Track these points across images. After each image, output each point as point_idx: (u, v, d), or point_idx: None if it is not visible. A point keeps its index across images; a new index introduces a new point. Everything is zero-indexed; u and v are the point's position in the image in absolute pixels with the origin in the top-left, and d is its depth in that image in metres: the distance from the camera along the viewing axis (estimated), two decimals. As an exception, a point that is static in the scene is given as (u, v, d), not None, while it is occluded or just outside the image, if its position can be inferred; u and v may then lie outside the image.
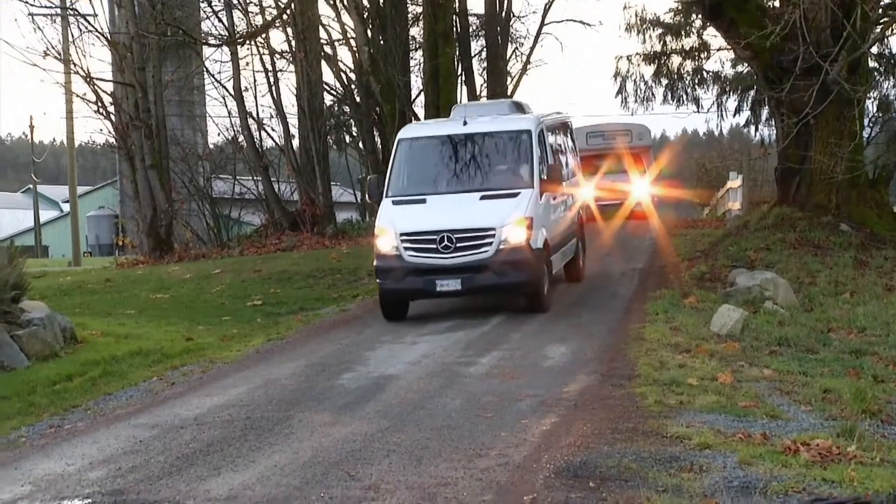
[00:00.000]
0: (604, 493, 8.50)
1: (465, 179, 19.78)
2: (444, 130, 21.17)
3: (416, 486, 9.08)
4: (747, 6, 24.87)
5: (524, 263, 18.17)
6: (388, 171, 20.39)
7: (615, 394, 12.39)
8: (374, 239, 19.21)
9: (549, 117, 22.87)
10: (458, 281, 18.11)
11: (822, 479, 8.83)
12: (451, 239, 18.07)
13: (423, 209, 19.05)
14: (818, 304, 18.47)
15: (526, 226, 18.28)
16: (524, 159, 19.78)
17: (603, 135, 41.50)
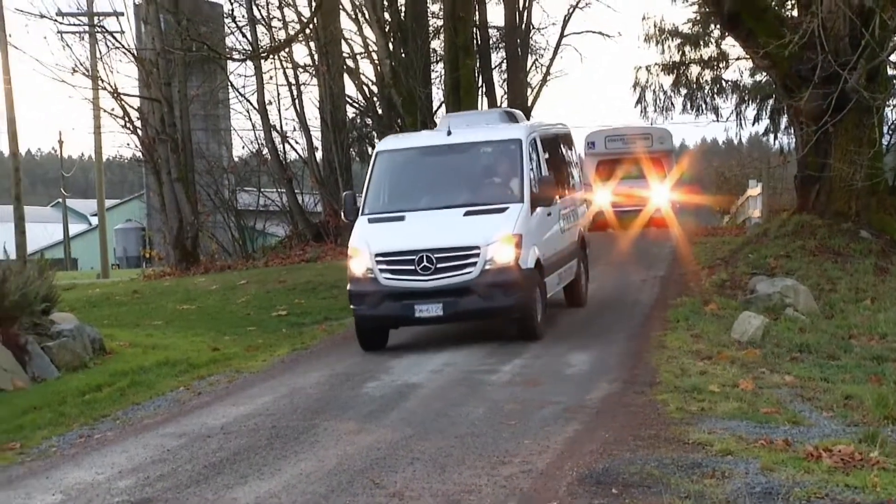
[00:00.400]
0: (626, 499, 8.48)
1: (449, 194, 17.87)
2: (426, 141, 19.72)
3: (441, 493, 9.06)
4: (765, 16, 24.82)
5: (513, 286, 16.27)
6: (365, 186, 18.54)
7: (637, 401, 12.36)
8: (347, 261, 17.44)
9: (544, 127, 21.53)
10: (439, 306, 16.25)
11: (844, 485, 8.79)
12: (431, 259, 16.23)
13: (400, 227, 17.22)
14: (839, 310, 18.39)
15: (514, 244, 16.38)
16: (513, 171, 17.86)
17: (622, 139, 40.69)
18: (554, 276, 18.31)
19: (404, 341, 17.72)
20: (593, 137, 41.33)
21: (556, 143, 20.96)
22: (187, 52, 38.31)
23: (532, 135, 18.54)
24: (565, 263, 19.19)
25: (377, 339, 17.33)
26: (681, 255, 27.60)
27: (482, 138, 18.70)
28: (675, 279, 23.34)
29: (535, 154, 18.31)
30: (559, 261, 18.70)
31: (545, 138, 19.67)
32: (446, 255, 16.29)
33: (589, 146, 40.89)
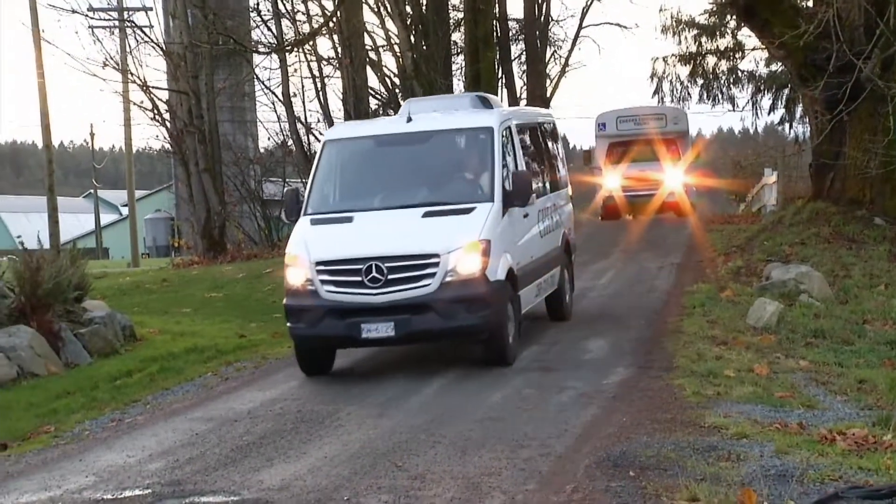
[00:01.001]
0: (643, 481, 8.48)
1: (406, 191, 15.00)
2: (382, 129, 16.84)
3: (461, 475, 9.08)
4: (781, 6, 24.70)
5: (479, 301, 13.38)
6: (310, 181, 15.66)
7: (654, 385, 12.36)
8: (284, 269, 14.46)
9: (522, 114, 19.63)
10: (389, 325, 13.34)
11: (858, 468, 8.77)
12: (382, 269, 13.33)
13: (347, 230, 14.36)
14: (853, 296, 18.33)
15: (481, 251, 13.55)
16: (483, 165, 14.91)
17: (634, 119, 38.22)
18: (531, 287, 15.54)
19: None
20: (604, 118, 39.01)
21: (537, 133, 18.22)
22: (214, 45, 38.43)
23: (506, 123, 15.61)
24: (545, 272, 16.50)
25: (321, 363, 14.57)
26: (697, 243, 27.50)
27: (447, 126, 15.88)
28: (692, 266, 23.27)
29: (511, 145, 15.57)
30: (538, 269, 15.98)
31: (523, 127, 17.01)
32: (400, 264, 13.50)
33: (600, 127, 38.88)
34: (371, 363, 15.14)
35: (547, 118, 19.80)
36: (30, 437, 12.24)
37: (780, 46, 23.70)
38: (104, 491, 9.44)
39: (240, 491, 9.07)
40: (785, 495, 7.99)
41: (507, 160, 15.11)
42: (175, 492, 9.19)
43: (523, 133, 16.73)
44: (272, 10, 41.14)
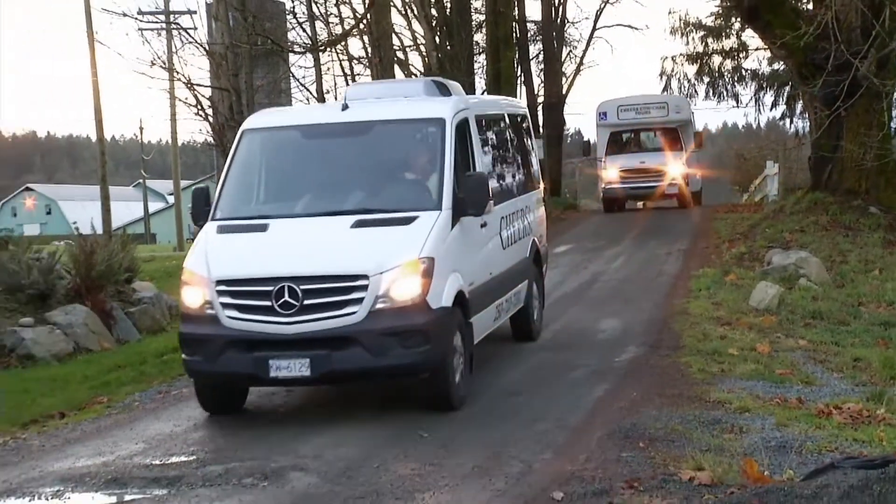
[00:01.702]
0: (652, 452, 8.47)
1: (336, 195, 11.46)
2: (311, 118, 13.18)
3: (483, 445, 9.09)
4: (782, 9, 24.61)
5: (417, 334, 10.05)
6: (221, 179, 12.19)
7: (662, 363, 12.33)
8: (181, 288, 11.08)
9: (485, 103, 16.23)
10: (304, 362, 10.01)
11: (853, 440, 8.77)
12: (296, 292, 9.95)
13: (258, 241, 10.93)
14: (849, 280, 18.26)
15: (421, 271, 10.20)
16: (431, 165, 11.36)
17: (636, 108, 35.43)
18: (489, 309, 12.20)
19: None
20: (605, 107, 36.27)
21: (504, 126, 14.75)
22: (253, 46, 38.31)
23: (463, 114, 12.13)
24: (509, 289, 13.13)
25: (225, 401, 11.22)
26: (702, 230, 27.44)
27: (389, 116, 12.20)
28: (698, 252, 23.20)
29: (468, 141, 12.17)
30: (499, 287, 12.65)
31: (486, 119, 13.54)
32: (319, 286, 10.07)
33: (601, 117, 36.15)
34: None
35: (516, 108, 16.36)
36: (85, 406, 12.30)
37: (782, 47, 23.63)
38: (153, 457, 9.47)
39: (276, 457, 9.08)
40: (784, 465, 7.98)
41: (461, 159, 11.73)
42: (217, 457, 9.23)
43: (486, 126, 13.35)
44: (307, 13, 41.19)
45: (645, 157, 34.27)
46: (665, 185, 33.32)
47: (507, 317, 13.37)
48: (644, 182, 33.40)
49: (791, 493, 6.50)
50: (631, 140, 35.99)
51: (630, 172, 33.44)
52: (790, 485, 6.87)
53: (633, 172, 33.42)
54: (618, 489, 7.51)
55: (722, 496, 7.03)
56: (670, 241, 25.23)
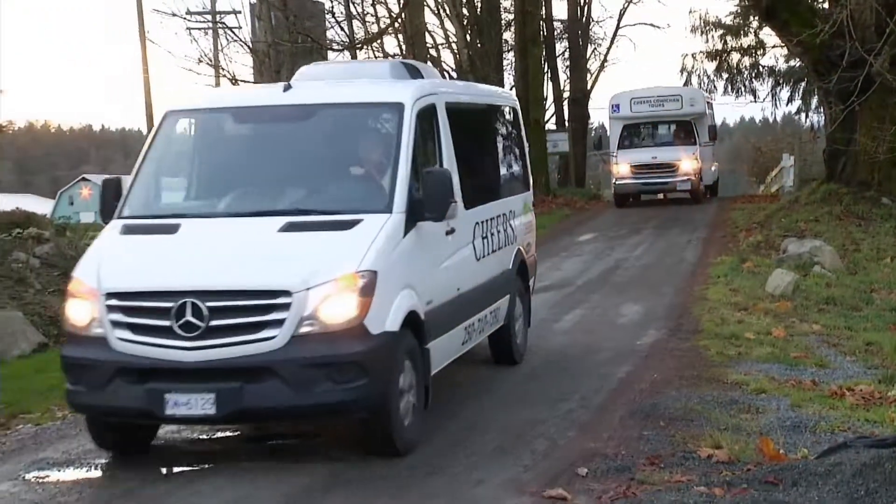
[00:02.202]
0: (672, 431, 8.44)
1: (266, 192, 9.22)
2: (245, 100, 10.74)
3: (507, 426, 9.06)
4: (799, 8, 24.47)
5: (351, 365, 7.88)
6: (135, 168, 9.57)
7: (682, 346, 12.28)
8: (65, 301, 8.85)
9: (461, 90, 13.48)
10: (209, 397, 7.80)
11: (865, 420, 8.72)
12: (200, 310, 7.81)
13: (164, 246, 8.65)
14: (861, 267, 18.15)
15: (359, 288, 7.97)
16: (383, 158, 9.03)
17: (649, 101, 33.03)
18: (455, 332, 9.75)
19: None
20: (618, 100, 33.99)
21: (486, 118, 12.30)
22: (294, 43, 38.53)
23: (428, 100, 9.68)
24: (484, 306, 10.64)
25: (127, 438, 8.79)
26: (720, 220, 27.34)
27: (337, 99, 9.82)
28: (716, 240, 23.10)
29: (435, 132, 9.76)
30: (470, 305, 10.14)
31: (462, 109, 10.79)
32: (230, 303, 7.84)
33: (613, 109, 33.94)
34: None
35: (502, 99, 13.63)
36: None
37: (798, 44, 23.53)
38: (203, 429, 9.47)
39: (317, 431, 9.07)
40: (799, 444, 7.96)
41: (424, 152, 9.48)
42: (262, 428, 9.21)
43: (461, 117, 10.58)
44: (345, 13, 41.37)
45: (657, 152, 32.01)
46: (677, 181, 31.36)
47: (481, 338, 10.87)
48: (656, 178, 31.50)
49: (805, 471, 6.48)
50: (644, 133, 33.69)
51: (642, 168, 31.55)
52: (804, 463, 6.85)
53: (644, 168, 31.52)
54: (639, 465, 7.50)
55: (739, 473, 7.00)
56: (689, 231, 25.15)
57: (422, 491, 7.33)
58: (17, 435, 9.90)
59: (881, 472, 5.86)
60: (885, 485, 5.69)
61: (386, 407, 8.01)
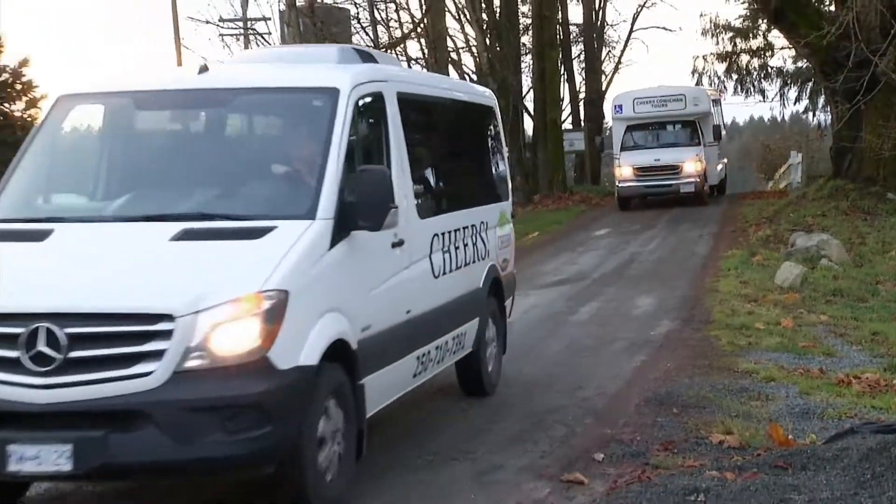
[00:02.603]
0: (685, 418, 8.42)
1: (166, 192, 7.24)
2: (152, 83, 8.21)
3: (529, 412, 9.05)
4: (806, 10, 24.44)
5: (249, 409, 5.87)
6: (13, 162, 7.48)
7: (694, 336, 12.25)
8: None
9: (420, 79, 10.84)
10: (64, 450, 5.70)
11: (871, 407, 8.68)
12: (57, 337, 5.71)
13: (27, 256, 6.66)
14: (867, 260, 18.08)
15: (262, 312, 5.97)
16: (310, 153, 7.07)
17: (652, 101, 30.94)
18: (403, 362, 7.78)
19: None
20: (621, 100, 32.09)
21: (454, 115, 10.38)
22: (320, 48, 38.71)
23: (373, 87, 7.79)
24: (446, 331, 8.69)
25: None
26: (730, 215, 27.26)
27: (260, 83, 7.89)
28: (726, 235, 23.04)
29: (382, 126, 7.85)
30: (425, 330, 8.18)
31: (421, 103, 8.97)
32: (95, 329, 5.89)
33: (616, 109, 32.04)
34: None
35: (478, 97, 11.12)
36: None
37: (806, 45, 23.51)
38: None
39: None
40: (808, 430, 7.93)
41: (365, 149, 7.70)
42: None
43: (420, 112, 8.94)
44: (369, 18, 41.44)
45: (660, 154, 29.68)
46: (681, 184, 29.15)
47: (441, 368, 8.93)
48: (659, 180, 29.30)
49: (814, 456, 6.46)
50: (647, 134, 31.31)
51: (645, 170, 29.39)
52: (813, 448, 6.82)
53: (647, 170, 29.36)
54: (653, 451, 7.48)
55: (749, 458, 6.97)
56: (701, 226, 25.09)
57: (445, 475, 7.33)
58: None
59: (887, 456, 5.83)
60: (890, 469, 5.66)
61: (297, 461, 6.12)
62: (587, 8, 44.33)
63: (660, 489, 6.21)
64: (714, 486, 6.09)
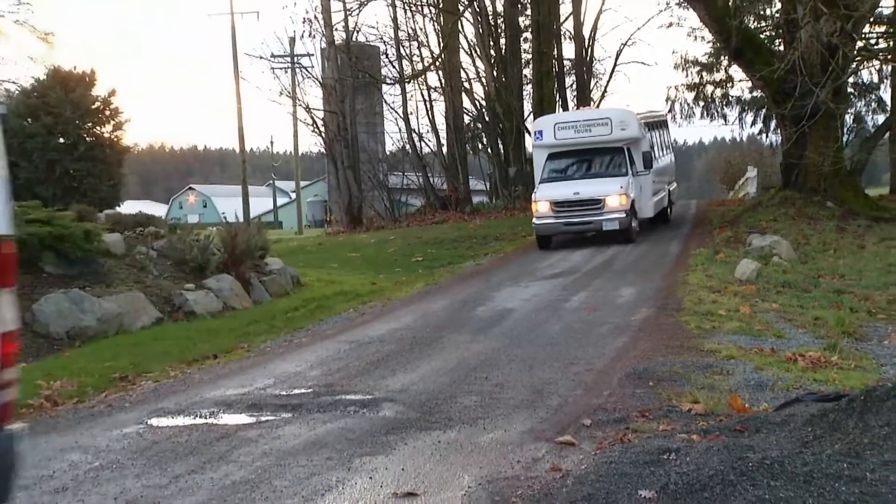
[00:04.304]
0: (660, 390, 8.43)
1: None
2: None
3: (529, 384, 9.08)
4: (761, 50, 24.42)
5: None
6: None
7: (667, 321, 12.25)
8: None
9: None
10: None
11: (813, 380, 8.67)
12: None
13: None
14: (811, 258, 18.07)
15: None
16: None
17: (575, 126, 23.65)
18: None
19: (504, 279, 17.65)
20: (541, 125, 24.64)
21: None
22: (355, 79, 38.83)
23: None
24: None
25: None
26: (700, 219, 27.22)
27: None
28: (695, 236, 23.02)
29: None
30: None
31: None
32: None
33: (536, 136, 24.48)
34: (465, 303, 15.17)
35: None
36: (231, 351, 12.46)
37: (760, 79, 23.49)
38: (281, 389, 9.59)
39: (372, 391, 9.15)
40: (761, 399, 7.92)
41: None
42: (328, 391, 9.32)
43: None
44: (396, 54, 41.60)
45: (581, 186, 22.56)
46: (603, 220, 22.02)
47: None
48: (578, 216, 22.16)
49: (766, 421, 6.47)
50: (568, 164, 23.97)
51: (563, 205, 22.26)
52: (765, 414, 6.83)
53: (566, 205, 22.24)
54: (632, 417, 7.50)
55: (713, 423, 6.99)
56: (674, 228, 25.09)
57: (457, 437, 7.37)
58: (141, 389, 10.06)
59: (826, 421, 5.84)
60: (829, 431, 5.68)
61: None
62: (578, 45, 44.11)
63: (638, 449, 6.24)
64: (683, 446, 6.11)
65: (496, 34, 40.35)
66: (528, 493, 5.74)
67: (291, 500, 5.95)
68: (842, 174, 24.25)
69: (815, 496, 4.42)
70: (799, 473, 4.68)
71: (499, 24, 40.51)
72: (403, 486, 6.08)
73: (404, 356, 11.00)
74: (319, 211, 72.80)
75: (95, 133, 21.27)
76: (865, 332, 11.43)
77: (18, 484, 6.59)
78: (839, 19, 19.67)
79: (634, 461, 5.95)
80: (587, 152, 23.68)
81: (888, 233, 20.78)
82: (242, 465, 6.81)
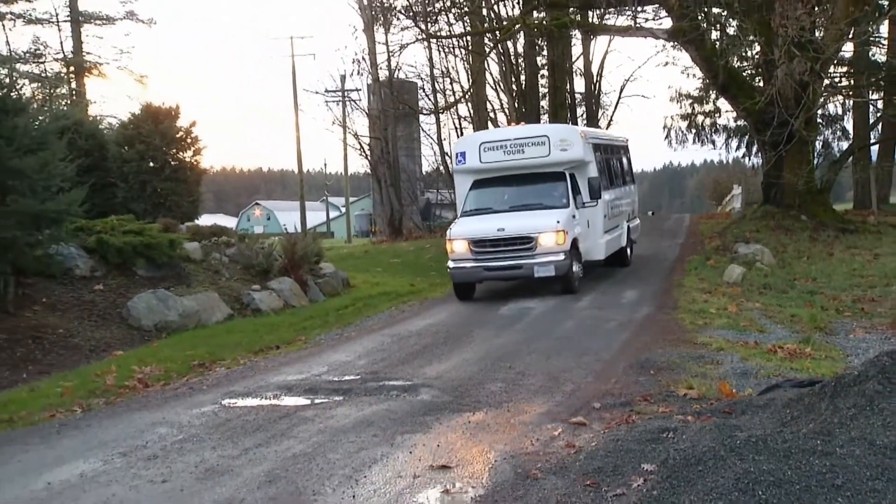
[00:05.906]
0: (659, 377, 8.39)
1: None
2: None
3: (547, 372, 9.07)
4: (744, 86, 24.25)
5: None
6: None
7: (665, 318, 12.18)
8: None
9: None
10: None
11: (791, 368, 8.60)
12: None
13: None
14: (788, 263, 17.91)
15: None
16: None
17: (504, 146, 16.11)
18: None
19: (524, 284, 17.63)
20: (463, 146, 16.93)
21: None
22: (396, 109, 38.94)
23: None
24: None
25: None
26: (693, 230, 27.01)
27: None
28: (690, 245, 22.85)
29: None
30: None
31: None
32: None
33: (458, 159, 16.74)
34: (490, 304, 15.13)
35: None
36: (291, 342, 12.53)
37: (743, 110, 23.34)
38: (333, 376, 9.64)
39: (412, 378, 9.17)
40: (746, 385, 7.87)
41: None
42: (374, 377, 9.35)
43: None
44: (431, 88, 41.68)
45: (506, 221, 15.11)
46: (535, 264, 14.70)
47: None
48: (503, 259, 14.86)
49: (751, 404, 6.44)
50: (495, 192, 16.18)
51: (483, 244, 14.99)
52: (750, 398, 6.79)
53: (488, 244, 14.97)
54: (636, 401, 7.46)
55: (705, 406, 6.95)
56: (671, 237, 24.93)
57: (485, 418, 7.37)
58: (215, 374, 10.15)
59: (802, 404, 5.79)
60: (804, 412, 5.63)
61: None
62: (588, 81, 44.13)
63: (641, 428, 6.21)
64: (680, 426, 6.08)
65: (517, 71, 40.35)
66: (546, 466, 5.73)
67: (343, 471, 5.98)
68: (813, 192, 24.00)
69: (793, 468, 4.40)
70: (779, 449, 4.65)
71: (519, 63, 40.48)
72: (438, 459, 6.08)
73: (439, 348, 11.02)
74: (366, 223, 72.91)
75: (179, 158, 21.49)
76: (834, 328, 11.32)
77: (118, 451, 6.79)
78: (809, 60, 19.49)
79: (638, 439, 5.93)
80: (519, 178, 16.14)
81: (852, 242, 20.63)
82: (301, 440, 6.85)
